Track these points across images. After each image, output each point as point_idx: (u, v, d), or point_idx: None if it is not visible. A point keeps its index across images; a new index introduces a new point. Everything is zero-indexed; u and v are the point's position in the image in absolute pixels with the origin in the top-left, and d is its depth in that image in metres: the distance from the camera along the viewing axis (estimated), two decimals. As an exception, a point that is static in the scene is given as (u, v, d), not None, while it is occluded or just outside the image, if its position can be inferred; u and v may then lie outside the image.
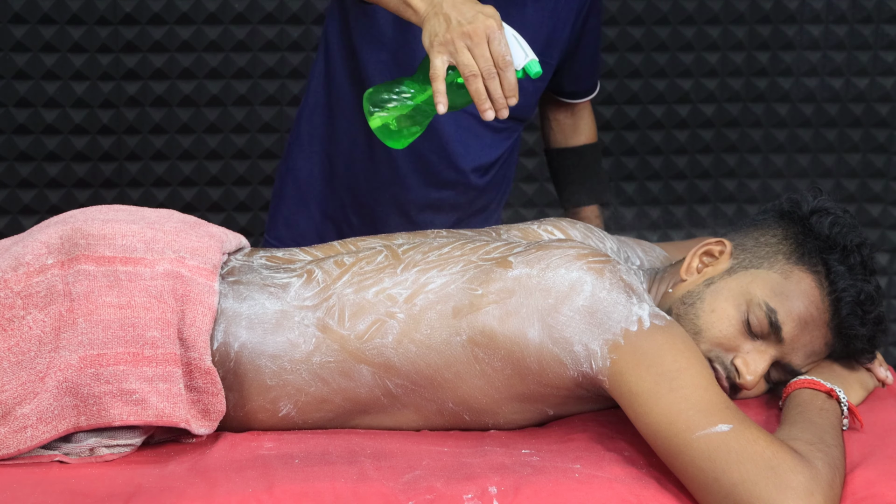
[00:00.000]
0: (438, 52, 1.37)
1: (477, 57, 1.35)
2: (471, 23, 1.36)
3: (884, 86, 2.89)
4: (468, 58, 1.35)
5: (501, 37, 1.36)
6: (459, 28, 1.36)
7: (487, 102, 1.37)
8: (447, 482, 1.19)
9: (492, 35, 1.35)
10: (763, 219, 1.46)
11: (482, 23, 1.36)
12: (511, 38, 1.38)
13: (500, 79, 1.37)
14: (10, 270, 1.30)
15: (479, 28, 1.35)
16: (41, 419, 1.26)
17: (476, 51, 1.35)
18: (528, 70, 1.38)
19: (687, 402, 1.20)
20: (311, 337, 1.33)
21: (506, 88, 1.37)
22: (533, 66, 1.39)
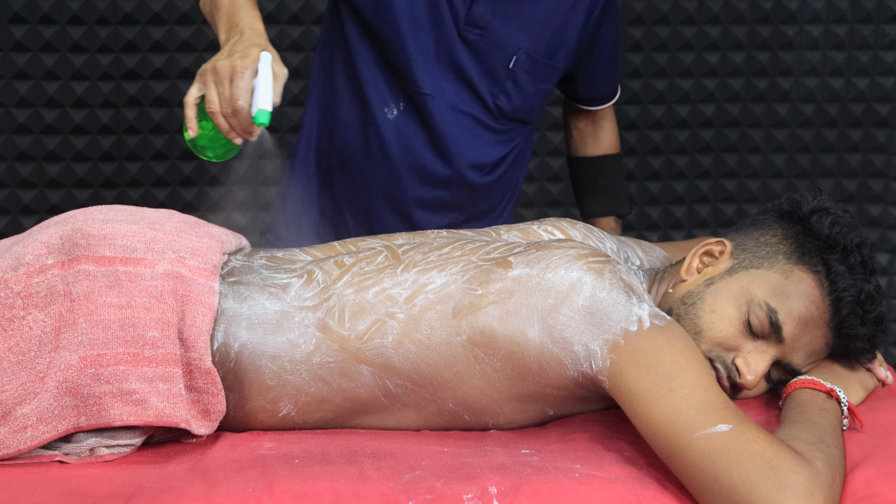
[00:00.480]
0: (196, 80, 1.49)
1: (219, 94, 1.45)
2: (224, 60, 1.45)
3: (884, 86, 2.89)
4: (212, 93, 1.46)
5: (243, 79, 1.44)
6: (213, 63, 1.46)
7: (231, 133, 1.48)
8: (447, 482, 1.19)
9: (234, 75, 1.44)
10: (763, 219, 1.46)
11: (231, 62, 1.45)
12: (260, 84, 1.45)
13: (235, 117, 1.46)
14: (11, 270, 1.30)
15: (225, 67, 1.44)
16: (41, 419, 1.26)
17: (219, 88, 1.45)
18: (255, 119, 1.45)
19: (687, 401, 1.20)
20: (311, 337, 1.33)
21: (241, 126, 1.47)
22: (259, 117, 1.45)
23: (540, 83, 1.87)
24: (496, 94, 1.85)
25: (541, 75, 1.86)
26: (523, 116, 1.90)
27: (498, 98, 1.85)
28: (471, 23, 1.79)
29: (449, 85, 1.82)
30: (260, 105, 1.44)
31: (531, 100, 1.88)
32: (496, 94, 1.85)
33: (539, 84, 1.87)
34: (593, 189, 2.10)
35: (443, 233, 1.56)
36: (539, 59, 1.84)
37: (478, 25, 1.79)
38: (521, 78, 1.85)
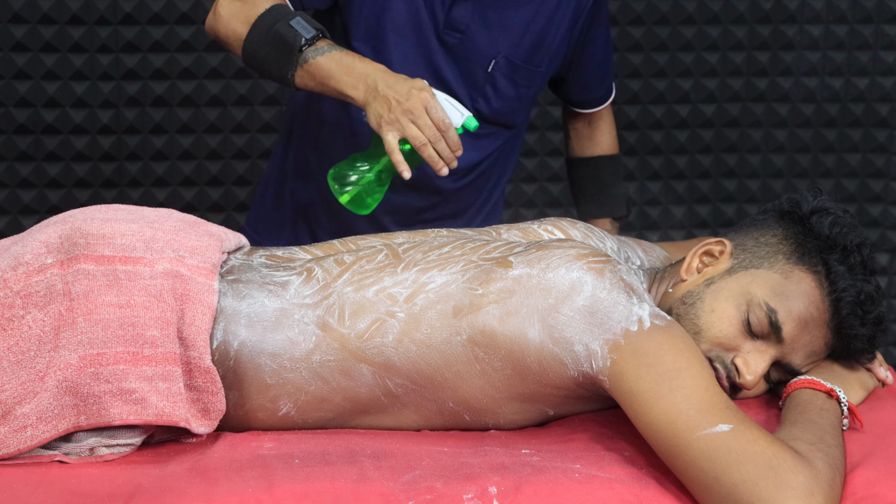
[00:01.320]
0: (388, 130, 1.55)
1: (422, 127, 1.54)
2: (408, 100, 1.54)
3: (884, 86, 2.89)
4: (415, 130, 1.54)
5: (437, 104, 1.55)
6: (400, 107, 1.54)
7: (440, 163, 1.57)
8: (447, 482, 1.19)
9: (428, 105, 1.54)
10: (763, 219, 1.46)
11: (417, 97, 1.54)
12: (444, 102, 1.58)
13: (445, 140, 1.55)
14: (10, 270, 1.30)
15: (416, 103, 1.54)
16: (41, 419, 1.26)
17: (419, 122, 1.54)
18: (467, 126, 1.58)
19: (687, 402, 1.20)
20: (310, 335, 1.33)
21: (451, 147, 1.57)
22: (470, 122, 1.58)
23: (521, 87, 1.88)
24: (475, 98, 1.85)
25: (521, 79, 1.87)
26: (505, 120, 1.90)
27: (477, 102, 1.86)
28: (450, 26, 1.80)
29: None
30: (464, 114, 1.58)
31: (512, 103, 1.89)
32: (475, 98, 1.85)
33: (520, 88, 1.88)
34: (589, 191, 2.10)
35: (443, 232, 1.56)
36: (519, 63, 1.84)
37: (457, 29, 1.80)
38: (501, 82, 1.85)
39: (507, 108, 1.89)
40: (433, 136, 1.54)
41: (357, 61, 1.61)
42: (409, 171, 1.56)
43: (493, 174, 1.98)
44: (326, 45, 1.63)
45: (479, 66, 1.83)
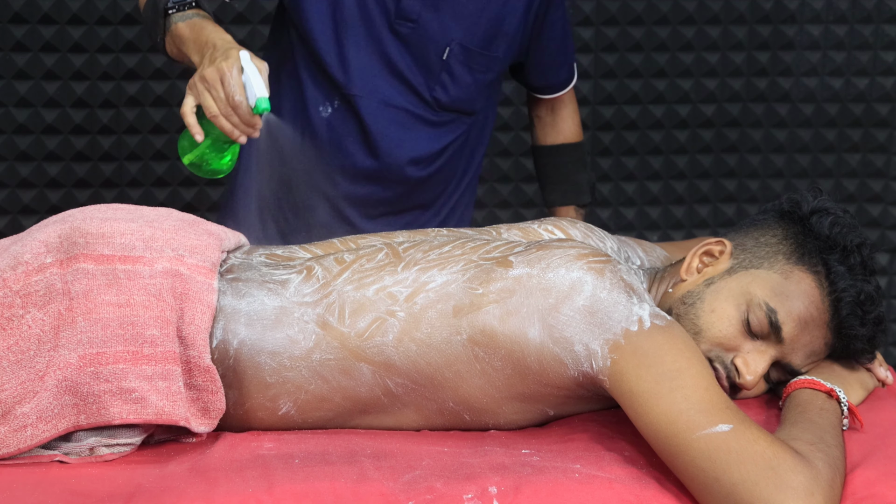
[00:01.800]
0: (187, 94, 1.55)
1: (215, 99, 1.52)
2: (209, 67, 1.53)
3: (884, 86, 2.89)
4: (208, 100, 1.52)
5: (232, 78, 1.51)
6: (200, 73, 1.54)
7: (235, 132, 1.54)
8: (447, 482, 1.19)
9: (224, 77, 1.51)
10: (763, 219, 1.46)
11: (216, 67, 1.52)
12: (250, 77, 1.52)
13: (237, 115, 1.52)
14: (9, 269, 1.30)
15: (212, 73, 1.52)
16: (41, 418, 1.26)
17: (213, 93, 1.52)
18: (256, 107, 1.52)
19: (687, 401, 1.20)
20: (310, 334, 1.33)
21: (245, 122, 1.53)
22: (260, 104, 1.52)
23: (477, 73, 1.87)
24: (432, 87, 1.86)
25: (477, 66, 1.87)
26: (464, 107, 1.90)
27: (434, 90, 1.86)
28: (401, 16, 1.81)
29: (381, 80, 1.84)
30: (257, 94, 1.51)
31: (470, 90, 1.88)
32: (432, 87, 1.86)
33: (476, 75, 1.87)
34: (553, 178, 2.10)
35: (443, 231, 1.56)
36: (474, 49, 1.84)
37: (408, 18, 1.81)
38: (457, 69, 1.85)
39: (465, 96, 1.89)
40: (223, 110, 1.52)
41: (209, 29, 1.62)
42: (200, 135, 1.54)
43: (460, 161, 1.98)
44: (193, 13, 1.66)
45: (433, 54, 1.84)
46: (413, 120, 1.87)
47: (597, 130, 2.90)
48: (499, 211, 2.93)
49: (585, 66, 2.85)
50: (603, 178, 2.93)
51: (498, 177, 2.90)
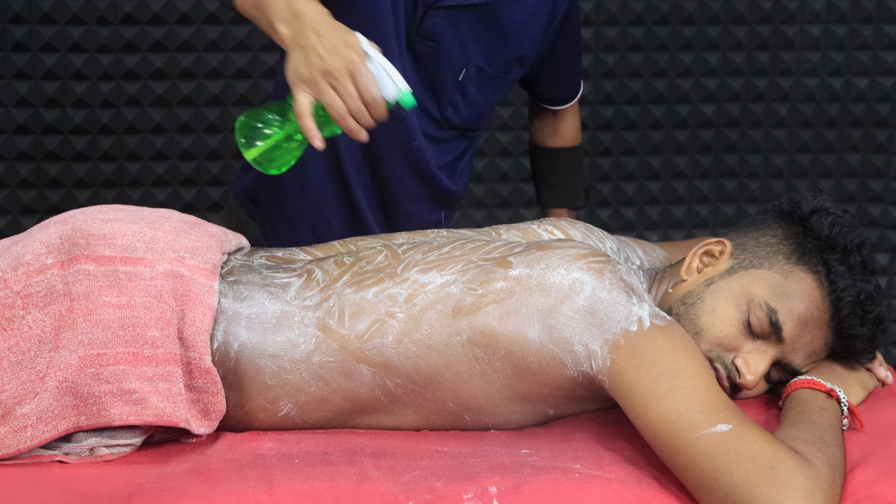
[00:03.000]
0: (301, 90, 1.32)
1: (343, 95, 1.30)
2: (332, 57, 1.30)
3: (884, 86, 2.89)
4: (333, 98, 1.30)
5: (366, 70, 1.30)
6: (321, 64, 1.30)
7: (363, 133, 1.34)
8: (447, 482, 1.19)
9: (356, 70, 1.30)
10: (763, 219, 1.46)
11: (343, 56, 1.30)
12: (379, 68, 1.31)
13: (370, 114, 1.32)
14: (10, 270, 1.30)
15: (339, 65, 1.30)
16: (41, 419, 1.26)
17: (341, 88, 1.30)
18: (403, 103, 1.33)
19: (687, 401, 1.20)
20: (311, 337, 1.33)
21: (376, 117, 1.34)
22: (407, 99, 1.33)
23: (490, 94, 1.84)
24: (443, 107, 1.82)
25: (491, 87, 1.84)
26: (471, 125, 1.88)
27: (445, 110, 1.82)
28: (423, 34, 1.74)
29: None
30: (401, 87, 1.32)
31: (480, 110, 1.86)
32: (443, 107, 1.82)
33: (489, 96, 1.84)
34: (549, 180, 2.09)
35: (443, 232, 1.56)
36: (490, 72, 1.81)
37: (429, 37, 1.74)
38: (471, 90, 1.82)
39: (475, 116, 1.86)
40: (356, 109, 1.31)
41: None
42: (321, 142, 1.33)
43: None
44: None
45: (449, 75, 1.79)
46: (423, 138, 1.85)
47: (597, 130, 2.90)
48: (499, 211, 2.93)
49: (585, 65, 2.85)
50: (603, 178, 2.93)
51: (498, 177, 2.91)
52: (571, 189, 2.09)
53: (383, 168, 1.82)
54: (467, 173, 1.98)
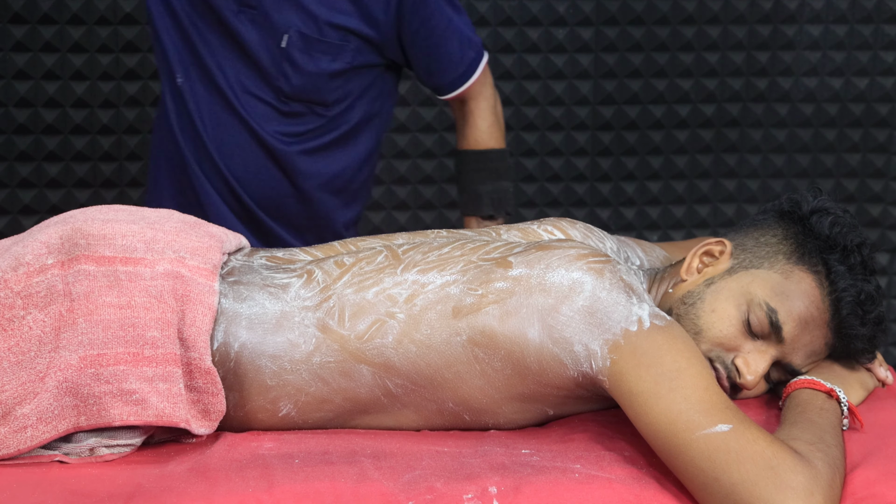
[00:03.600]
0: None
1: None
2: None
3: (884, 86, 2.89)
4: None
5: None
6: None
7: None
8: (447, 482, 1.19)
9: None
10: (763, 219, 1.46)
11: None
12: None
13: None
14: (10, 270, 1.30)
15: None
16: (41, 419, 1.26)
17: None
18: None
19: (687, 402, 1.20)
20: (311, 337, 1.33)
21: None
22: None
23: (322, 62, 1.84)
24: (276, 76, 1.84)
25: (318, 53, 1.83)
26: (311, 97, 1.87)
27: (278, 79, 1.84)
28: (242, 3, 1.81)
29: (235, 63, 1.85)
30: None
31: (315, 80, 1.85)
32: (276, 76, 1.84)
33: (321, 63, 1.84)
34: (458, 184, 2.06)
35: (443, 232, 1.56)
36: (313, 36, 1.82)
37: (248, 4, 1.80)
38: (298, 57, 1.83)
39: (311, 85, 1.85)
40: None
41: None
42: None
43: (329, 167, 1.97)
44: None
45: (273, 41, 1.82)
46: (267, 108, 1.87)
47: (596, 130, 2.90)
48: (499, 211, 2.93)
49: (585, 65, 2.85)
50: (603, 178, 2.93)
51: (498, 177, 2.90)
52: (474, 196, 2.02)
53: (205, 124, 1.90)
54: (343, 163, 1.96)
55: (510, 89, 2.83)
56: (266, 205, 1.92)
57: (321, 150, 1.93)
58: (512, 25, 2.81)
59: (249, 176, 1.90)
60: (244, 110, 1.87)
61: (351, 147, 1.96)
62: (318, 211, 1.96)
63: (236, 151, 1.89)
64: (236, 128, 1.88)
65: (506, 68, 2.82)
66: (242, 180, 1.90)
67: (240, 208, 1.92)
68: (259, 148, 1.89)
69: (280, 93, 1.86)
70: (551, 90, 2.85)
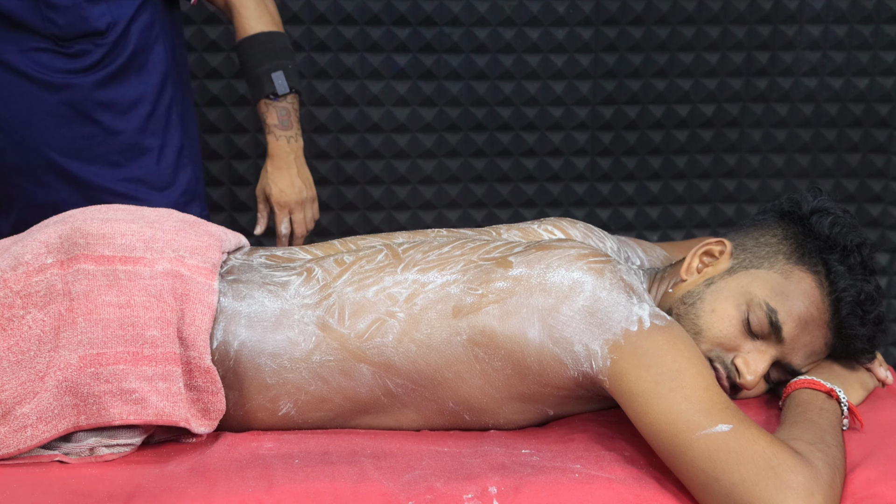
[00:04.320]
0: None
1: None
2: None
3: (884, 86, 2.89)
4: None
5: None
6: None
7: None
8: (447, 482, 1.19)
9: None
10: (763, 219, 1.46)
11: None
12: None
13: None
14: (10, 270, 1.30)
15: None
16: (41, 418, 1.26)
17: None
18: None
19: (687, 402, 1.20)
20: (310, 335, 1.33)
21: None
22: None
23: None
24: (46, 16, 1.84)
25: None
26: (85, 29, 1.87)
27: (49, 27, 1.84)
28: None
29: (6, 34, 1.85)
30: None
31: (78, 10, 1.86)
32: (46, 16, 1.84)
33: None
34: (244, 76, 2.03)
35: (443, 232, 1.56)
36: None
37: None
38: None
39: (78, 17, 1.86)
40: None
41: None
42: None
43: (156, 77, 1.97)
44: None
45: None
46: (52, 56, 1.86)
47: (597, 130, 2.90)
48: (498, 211, 2.93)
49: (585, 65, 2.85)
50: (603, 177, 2.93)
51: (498, 177, 2.91)
52: (256, 79, 2.00)
53: None
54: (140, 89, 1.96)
55: (509, 89, 2.83)
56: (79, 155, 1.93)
57: (113, 79, 1.93)
58: (512, 25, 2.81)
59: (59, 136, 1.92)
60: (32, 69, 1.88)
61: (145, 73, 1.96)
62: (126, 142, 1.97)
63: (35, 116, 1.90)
64: (29, 92, 1.89)
65: (505, 68, 2.82)
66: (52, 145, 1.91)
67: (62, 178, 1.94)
68: (55, 95, 1.90)
69: (60, 39, 1.86)
70: (551, 90, 2.85)
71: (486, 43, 2.79)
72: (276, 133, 1.94)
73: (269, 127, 1.96)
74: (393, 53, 2.74)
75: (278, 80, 1.98)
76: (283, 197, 1.86)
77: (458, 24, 2.78)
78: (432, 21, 2.77)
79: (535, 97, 2.85)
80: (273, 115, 1.96)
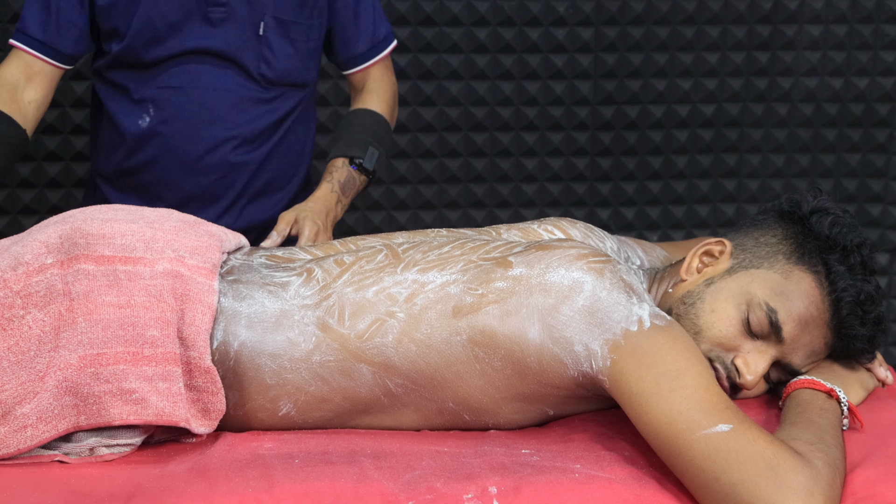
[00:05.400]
0: None
1: None
2: None
3: (884, 86, 2.89)
4: None
5: None
6: None
7: None
8: (447, 482, 1.19)
9: None
10: (763, 219, 1.46)
11: None
12: None
13: None
14: (10, 270, 1.30)
15: None
16: (41, 419, 1.26)
17: None
18: None
19: (687, 402, 1.20)
20: (310, 336, 1.33)
21: None
22: None
23: (299, 43, 1.93)
24: (258, 65, 1.90)
25: (295, 35, 1.92)
26: (294, 80, 1.95)
27: (260, 68, 1.91)
28: (212, 3, 1.86)
29: (210, 67, 1.89)
30: None
31: (295, 61, 1.94)
32: (258, 65, 1.90)
33: (298, 45, 1.93)
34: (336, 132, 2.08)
35: (443, 232, 1.56)
36: (287, 19, 1.90)
37: (219, 4, 1.86)
38: (275, 42, 1.90)
39: (293, 67, 1.94)
40: None
41: None
42: None
43: (298, 134, 2.03)
44: None
45: (250, 32, 1.89)
46: (244, 100, 1.92)
47: (597, 130, 2.90)
48: (498, 211, 2.93)
49: (585, 65, 2.85)
50: (603, 178, 2.93)
51: (498, 177, 2.91)
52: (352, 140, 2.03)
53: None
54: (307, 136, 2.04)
55: (509, 89, 2.83)
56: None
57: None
58: (512, 25, 2.81)
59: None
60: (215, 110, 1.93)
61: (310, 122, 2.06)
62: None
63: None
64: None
65: (506, 68, 2.82)
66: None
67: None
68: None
69: (264, 80, 1.92)
70: (551, 90, 2.85)
71: (486, 43, 2.79)
72: (334, 187, 1.95)
73: (333, 179, 1.96)
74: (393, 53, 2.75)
75: (371, 156, 2.02)
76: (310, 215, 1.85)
77: (458, 24, 2.78)
78: (432, 21, 2.77)
79: (535, 97, 2.85)
80: (343, 175, 1.99)
